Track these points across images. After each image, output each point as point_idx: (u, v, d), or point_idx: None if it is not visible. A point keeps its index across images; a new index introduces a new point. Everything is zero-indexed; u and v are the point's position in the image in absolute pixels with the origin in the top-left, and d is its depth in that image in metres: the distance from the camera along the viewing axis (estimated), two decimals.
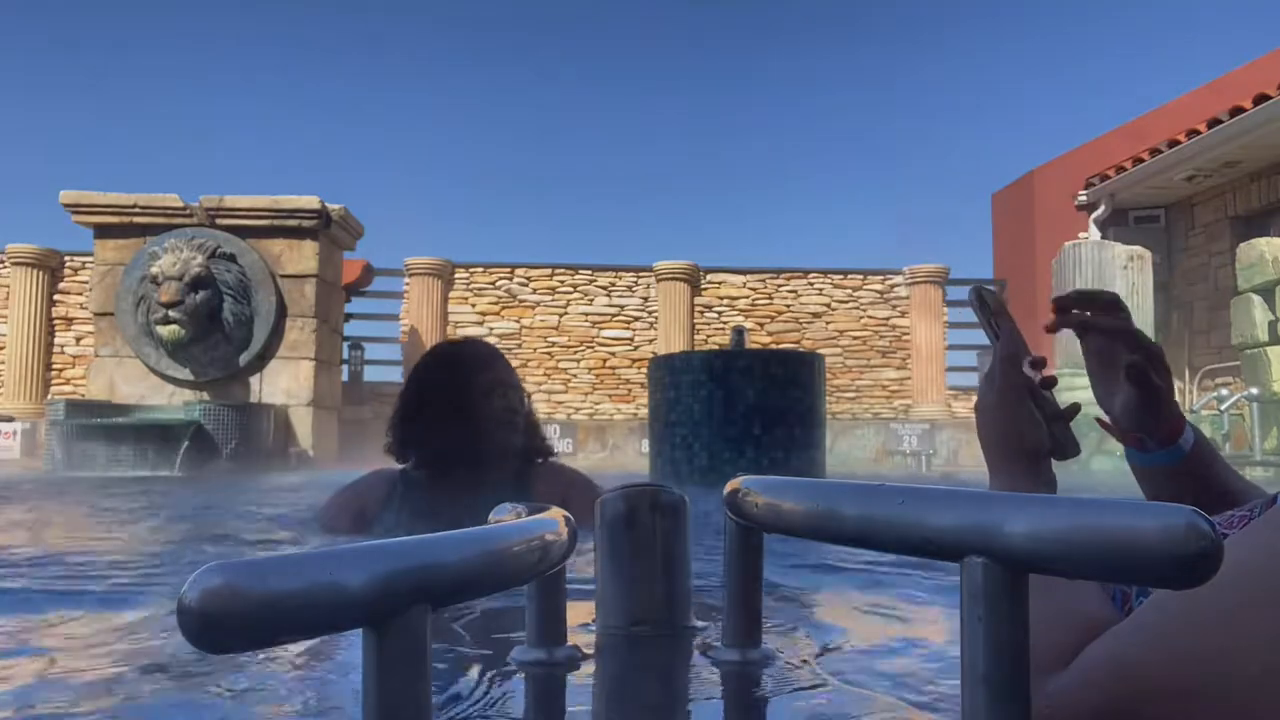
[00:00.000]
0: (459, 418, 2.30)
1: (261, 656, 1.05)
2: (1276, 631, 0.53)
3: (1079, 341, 1.00)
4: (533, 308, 11.54)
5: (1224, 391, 7.98)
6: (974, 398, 0.96)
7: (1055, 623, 0.63)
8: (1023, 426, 0.85)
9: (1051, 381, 0.91)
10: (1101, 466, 6.95)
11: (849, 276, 11.89)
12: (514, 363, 2.72)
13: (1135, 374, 0.92)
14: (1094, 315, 0.97)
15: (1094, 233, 10.83)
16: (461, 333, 11.40)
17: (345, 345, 10.56)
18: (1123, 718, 0.57)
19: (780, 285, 11.84)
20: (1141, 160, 10.12)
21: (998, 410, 0.87)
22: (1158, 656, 0.57)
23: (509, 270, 11.59)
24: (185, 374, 8.43)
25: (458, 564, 0.61)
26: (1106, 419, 0.98)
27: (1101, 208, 10.93)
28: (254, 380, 8.64)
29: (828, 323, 11.75)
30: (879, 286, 11.88)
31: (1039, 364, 0.90)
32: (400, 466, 2.41)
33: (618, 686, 1.01)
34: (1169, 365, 0.95)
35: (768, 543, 0.96)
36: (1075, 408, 0.91)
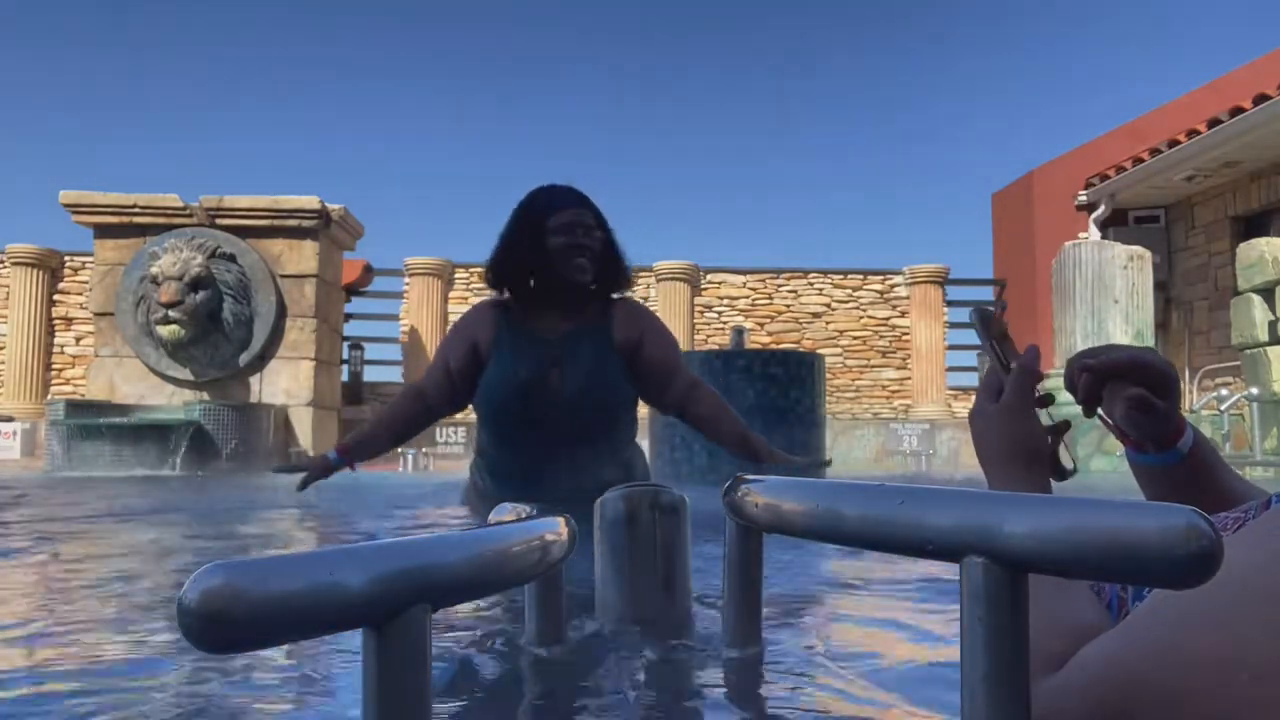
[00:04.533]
0: (531, 255, 2.60)
1: (261, 656, 1.05)
2: (1270, 636, 0.53)
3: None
4: None
5: (1224, 391, 7.98)
6: (974, 397, 0.95)
7: (1049, 629, 0.63)
8: (1027, 435, 0.85)
9: (1050, 399, 0.91)
10: (1101, 467, 6.95)
11: (849, 276, 11.89)
12: None
13: (1138, 404, 0.91)
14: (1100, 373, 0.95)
15: (1094, 233, 10.83)
16: None
17: (345, 345, 10.56)
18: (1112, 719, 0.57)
19: (780, 285, 11.84)
20: (1141, 160, 10.12)
21: (1002, 418, 0.86)
22: (1150, 659, 0.57)
23: None
24: (185, 374, 8.43)
25: (458, 564, 0.61)
26: (1108, 420, 0.97)
27: (1101, 208, 10.93)
28: (254, 380, 8.64)
29: (828, 323, 11.75)
30: (879, 286, 11.88)
31: (1038, 380, 0.91)
32: (501, 298, 2.76)
33: (617, 686, 1.01)
34: (1176, 381, 0.94)
35: (767, 541, 0.96)
36: (1066, 424, 0.91)
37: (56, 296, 10.83)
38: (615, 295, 2.77)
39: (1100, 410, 0.96)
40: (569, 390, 2.59)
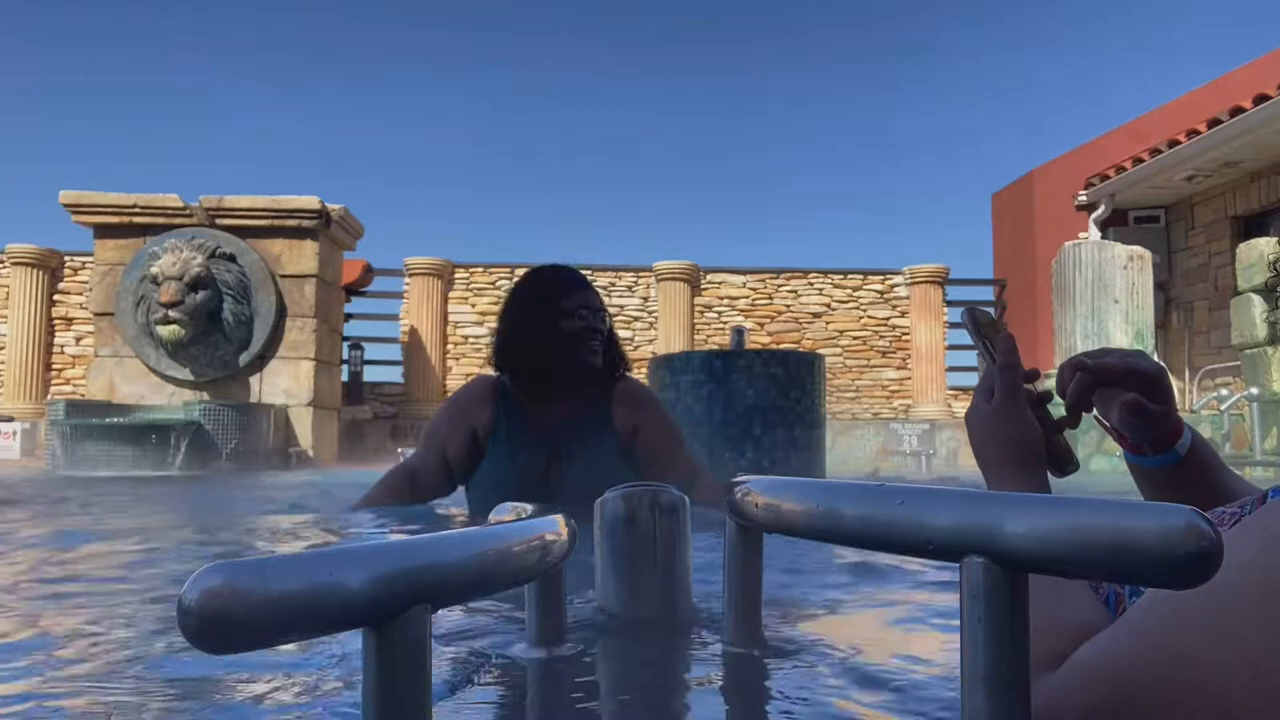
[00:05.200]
0: (542, 338, 2.55)
1: (261, 656, 1.05)
2: (1268, 635, 0.53)
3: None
4: None
5: (1224, 391, 7.98)
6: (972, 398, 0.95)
7: (1049, 629, 0.63)
8: (1022, 434, 0.85)
9: (1048, 396, 0.91)
10: (1101, 467, 6.95)
11: (849, 276, 11.89)
12: None
13: (1131, 409, 0.92)
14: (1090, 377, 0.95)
15: (1094, 233, 10.83)
16: (462, 333, 11.41)
17: (345, 345, 10.57)
18: (1110, 719, 0.57)
19: (780, 285, 11.84)
20: (1141, 160, 10.12)
21: (996, 418, 0.86)
22: (1146, 658, 0.57)
23: (509, 270, 11.59)
24: (185, 374, 8.43)
25: (458, 564, 0.61)
26: (1105, 422, 0.98)
27: (1101, 208, 10.93)
28: (254, 380, 8.64)
29: (828, 323, 11.75)
30: (879, 286, 11.88)
31: (1033, 377, 0.90)
32: (500, 377, 2.69)
33: (617, 687, 1.01)
34: (1169, 385, 0.94)
35: (768, 542, 0.96)
36: (1064, 420, 0.91)
37: (56, 296, 10.83)
38: (616, 376, 2.71)
39: (1097, 413, 0.96)
40: (566, 483, 2.54)
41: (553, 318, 2.56)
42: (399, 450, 9.38)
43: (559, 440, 2.59)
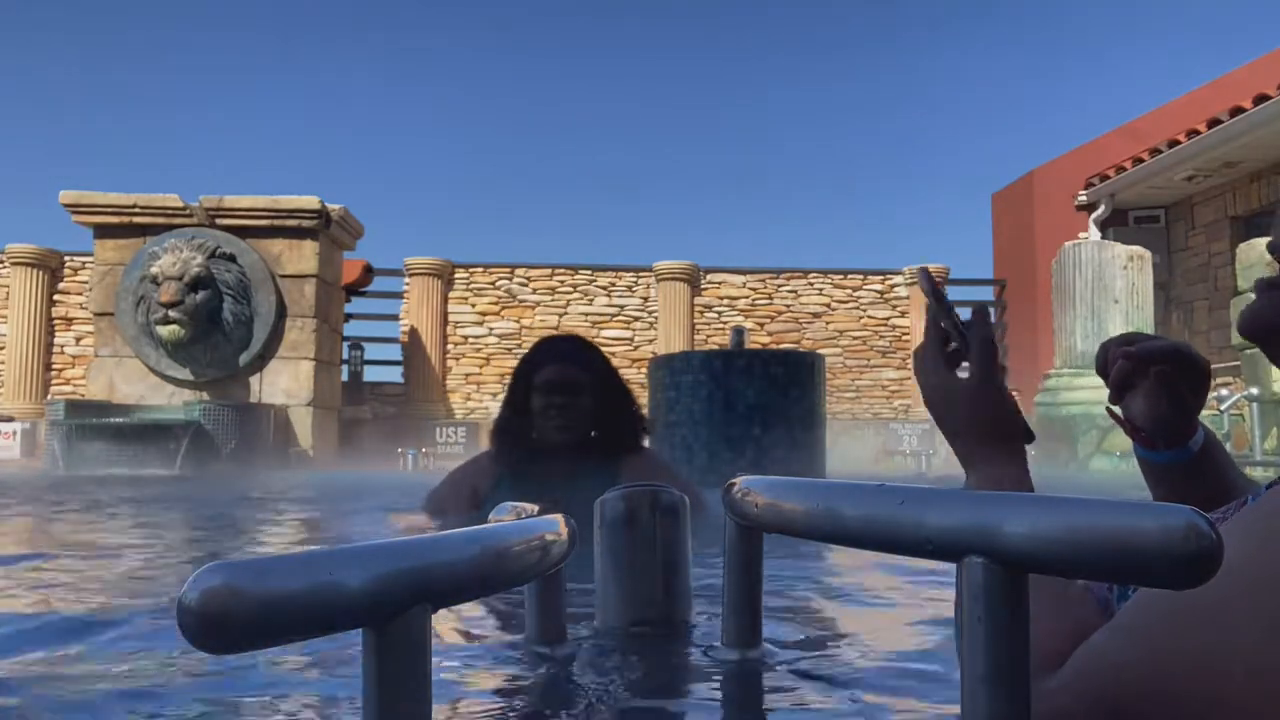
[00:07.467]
0: (521, 414, 2.54)
1: (261, 657, 1.05)
2: (1261, 628, 0.53)
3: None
4: (533, 308, 11.54)
5: (1224, 391, 7.97)
6: (917, 356, 0.90)
7: (1048, 629, 0.63)
8: (1004, 412, 0.81)
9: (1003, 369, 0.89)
10: (1101, 466, 6.95)
11: (849, 276, 11.89)
12: (513, 363, 2.80)
13: (1163, 380, 0.90)
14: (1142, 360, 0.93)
15: (1094, 233, 10.82)
16: (462, 333, 11.41)
17: (345, 345, 10.57)
18: (1110, 718, 0.57)
19: (780, 285, 11.84)
20: (1141, 160, 10.12)
21: (980, 396, 0.82)
22: (1142, 656, 0.57)
23: (509, 270, 11.59)
24: (185, 374, 8.43)
25: (458, 564, 0.61)
26: (1119, 413, 0.96)
27: (1101, 208, 10.93)
28: (254, 380, 8.64)
29: (828, 323, 11.75)
30: (879, 286, 11.88)
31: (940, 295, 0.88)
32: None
33: (617, 687, 1.01)
34: (1210, 380, 0.93)
35: (768, 541, 0.96)
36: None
37: (56, 296, 10.83)
38: (630, 447, 2.63)
39: (1112, 406, 0.96)
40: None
41: (527, 394, 2.54)
42: (399, 450, 9.38)
43: (559, 497, 2.51)
